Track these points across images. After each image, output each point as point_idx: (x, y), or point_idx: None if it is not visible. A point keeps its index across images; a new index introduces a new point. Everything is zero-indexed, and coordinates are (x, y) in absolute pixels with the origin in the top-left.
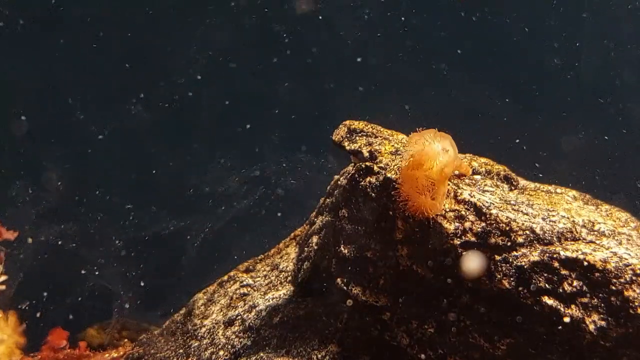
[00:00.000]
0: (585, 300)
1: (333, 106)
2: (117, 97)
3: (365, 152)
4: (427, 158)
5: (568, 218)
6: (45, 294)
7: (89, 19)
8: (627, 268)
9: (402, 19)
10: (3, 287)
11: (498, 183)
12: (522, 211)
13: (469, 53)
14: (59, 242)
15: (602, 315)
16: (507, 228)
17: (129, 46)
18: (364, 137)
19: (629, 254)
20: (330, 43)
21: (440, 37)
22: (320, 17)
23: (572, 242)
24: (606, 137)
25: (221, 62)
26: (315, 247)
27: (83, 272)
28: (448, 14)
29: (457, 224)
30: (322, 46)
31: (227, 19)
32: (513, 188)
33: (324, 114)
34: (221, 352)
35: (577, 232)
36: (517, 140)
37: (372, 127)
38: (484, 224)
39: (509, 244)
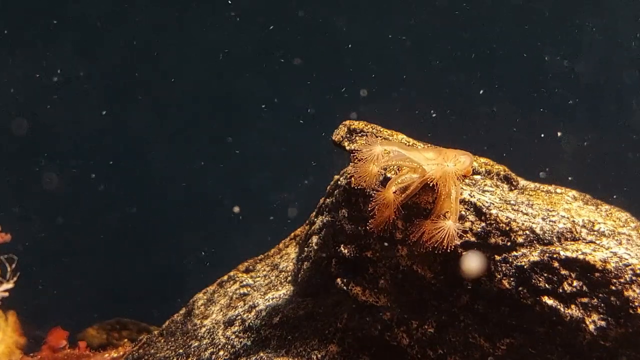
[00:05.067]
0: (585, 300)
1: (333, 106)
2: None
3: None
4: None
5: (568, 218)
6: (45, 293)
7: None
8: (627, 268)
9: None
10: (6, 294)
11: (498, 183)
12: (522, 211)
13: (469, 52)
14: (57, 241)
15: (602, 315)
16: (507, 228)
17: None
18: (364, 137)
19: (629, 254)
20: (331, 43)
21: (439, 36)
22: (322, 19)
23: (572, 242)
24: (605, 137)
25: (222, 62)
26: (315, 247)
27: (82, 270)
28: (446, 13)
29: (457, 224)
30: (323, 46)
31: (228, 18)
32: (513, 188)
33: (324, 114)
34: (221, 352)
35: (577, 232)
36: (517, 140)
37: (372, 127)
38: (484, 224)
39: (508, 244)
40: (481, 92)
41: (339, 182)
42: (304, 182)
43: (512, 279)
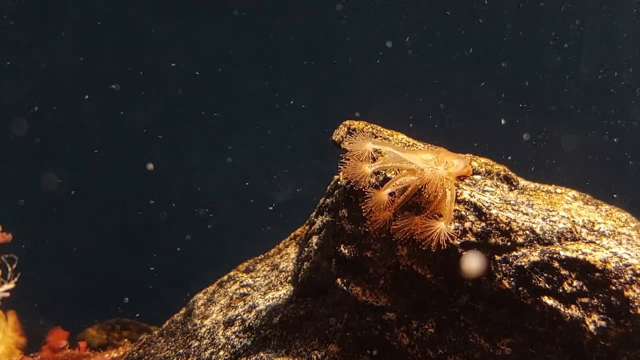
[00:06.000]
0: (585, 300)
1: (333, 106)
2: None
3: None
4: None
5: (568, 218)
6: (45, 293)
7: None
8: (627, 268)
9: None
10: (7, 294)
11: (498, 183)
12: (522, 211)
13: (468, 53)
14: (57, 240)
15: (602, 315)
16: (507, 228)
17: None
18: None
19: (629, 254)
20: (332, 42)
21: (438, 36)
22: (320, 19)
23: (572, 242)
24: (605, 137)
25: (222, 61)
26: (315, 247)
27: (82, 270)
28: (446, 12)
29: (457, 224)
30: (323, 45)
31: (228, 18)
32: (513, 188)
33: (324, 114)
34: (221, 352)
35: (577, 232)
36: (517, 140)
37: (372, 127)
38: (484, 224)
39: (509, 244)
40: (481, 92)
41: (339, 182)
42: (304, 182)
43: (512, 279)
